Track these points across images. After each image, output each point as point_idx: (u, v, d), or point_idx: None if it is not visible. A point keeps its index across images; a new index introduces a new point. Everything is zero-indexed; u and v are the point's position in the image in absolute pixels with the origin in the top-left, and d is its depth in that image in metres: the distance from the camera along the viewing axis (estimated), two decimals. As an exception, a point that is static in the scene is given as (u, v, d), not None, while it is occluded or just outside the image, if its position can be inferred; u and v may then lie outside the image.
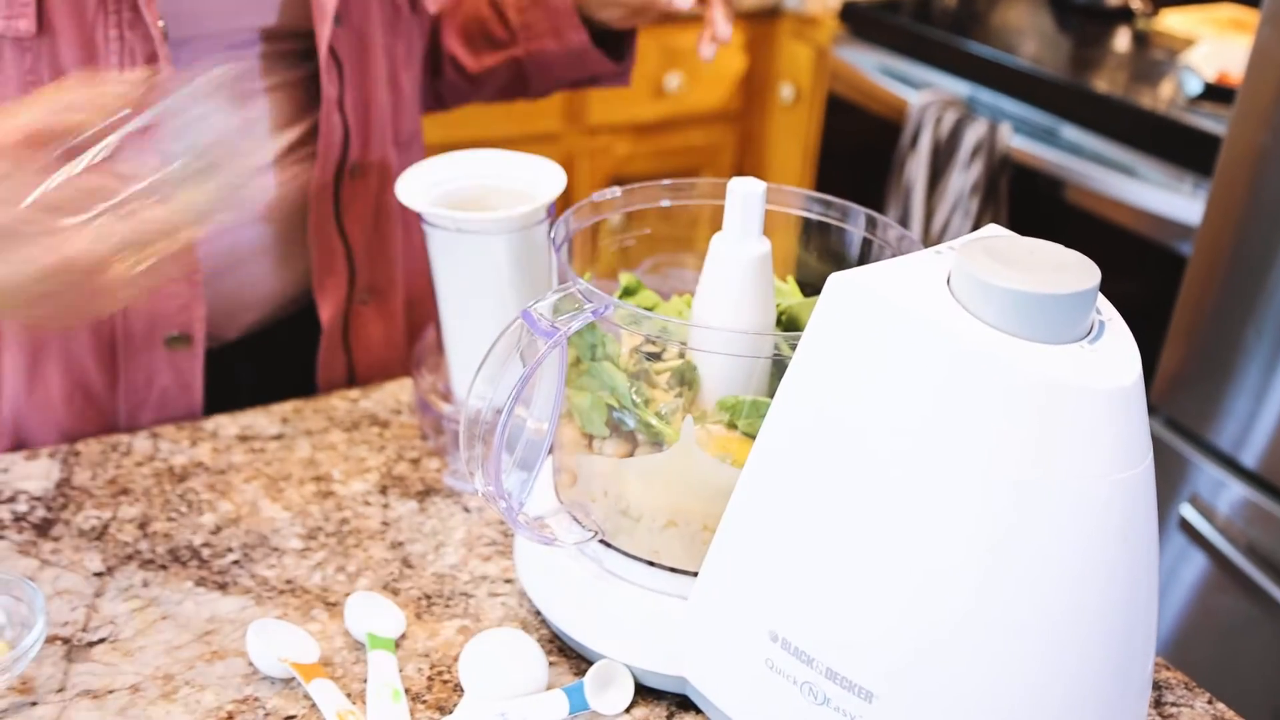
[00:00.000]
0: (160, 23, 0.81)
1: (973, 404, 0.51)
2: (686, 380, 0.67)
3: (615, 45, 1.08)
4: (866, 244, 0.73)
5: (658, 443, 0.66)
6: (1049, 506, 0.52)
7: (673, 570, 0.68)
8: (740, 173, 2.53)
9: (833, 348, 0.55)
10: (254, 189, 0.66)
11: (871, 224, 0.72)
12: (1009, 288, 0.51)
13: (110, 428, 0.91)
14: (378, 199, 0.98)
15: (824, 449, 0.56)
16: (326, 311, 0.98)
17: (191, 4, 0.84)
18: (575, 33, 1.04)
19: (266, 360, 1.00)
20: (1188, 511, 1.58)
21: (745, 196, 0.65)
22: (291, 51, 0.92)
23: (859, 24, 2.21)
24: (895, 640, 0.55)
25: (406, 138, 1.02)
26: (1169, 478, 1.62)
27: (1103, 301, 0.56)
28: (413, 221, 1.04)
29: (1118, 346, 0.53)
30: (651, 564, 0.68)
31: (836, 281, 0.55)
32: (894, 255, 0.70)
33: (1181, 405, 1.60)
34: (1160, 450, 1.62)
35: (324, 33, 0.88)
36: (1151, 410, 1.64)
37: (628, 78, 1.12)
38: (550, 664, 0.70)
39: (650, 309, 0.74)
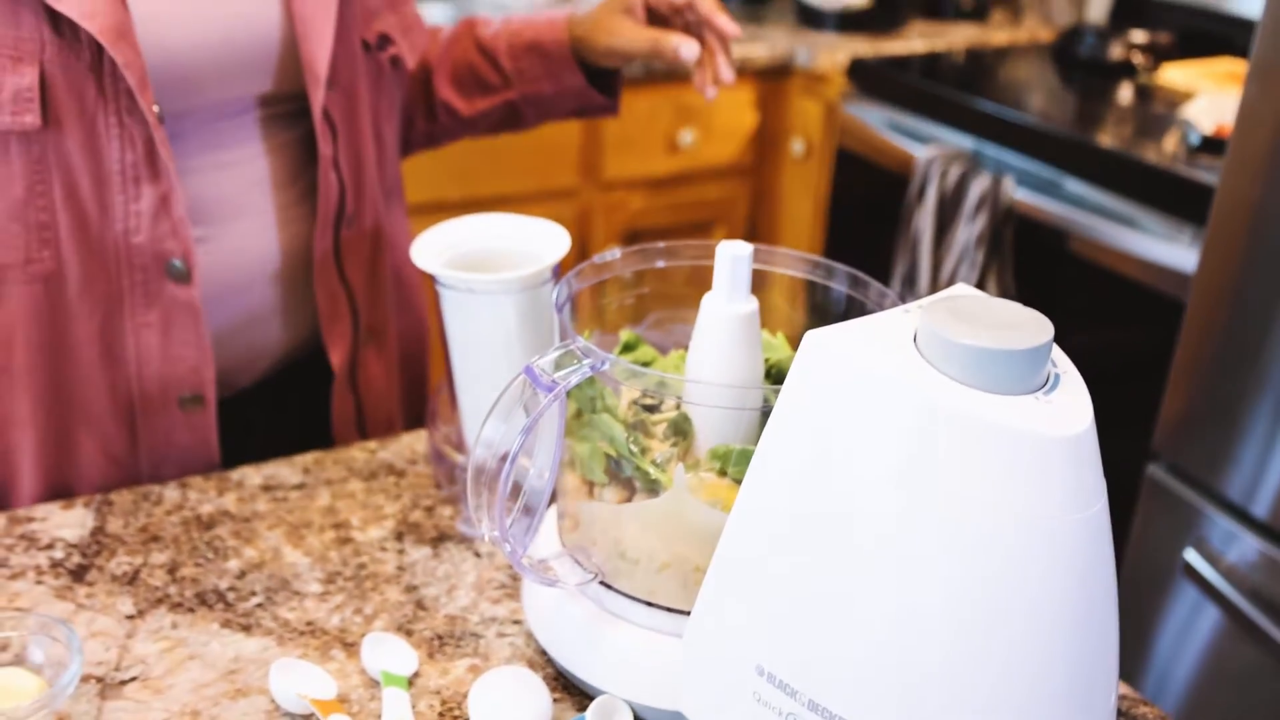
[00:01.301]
0: (155, 107, 0.86)
1: (938, 452, 0.56)
2: (681, 430, 0.71)
3: (606, 79, 1.13)
4: (851, 300, 0.78)
5: (654, 489, 0.70)
6: (1011, 546, 0.56)
7: (669, 610, 0.72)
8: (753, 225, 2.58)
9: (809, 401, 0.59)
10: None
11: (855, 282, 0.77)
12: (969, 344, 0.55)
13: (135, 485, 0.96)
14: (372, 245, 1.03)
15: (802, 495, 0.60)
16: (337, 356, 1.03)
17: (187, 79, 0.89)
18: (571, 75, 1.08)
19: (277, 406, 1.05)
20: (1196, 560, 1.59)
21: (733, 259, 0.70)
22: (285, 114, 0.97)
23: (866, 81, 2.27)
24: (872, 674, 0.59)
25: (390, 184, 1.07)
26: (1176, 526, 1.63)
27: (1058, 354, 0.60)
28: (401, 262, 1.09)
29: (1071, 397, 0.57)
30: (649, 604, 0.72)
31: (811, 339, 0.59)
32: (875, 309, 0.75)
33: (1188, 453, 1.62)
34: (1166, 497, 1.65)
35: (318, 96, 0.93)
36: (1155, 457, 1.66)
37: (618, 108, 1.16)
38: (555, 700, 0.74)
39: (648, 363, 0.78)
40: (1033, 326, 0.58)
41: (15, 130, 0.83)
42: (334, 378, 1.04)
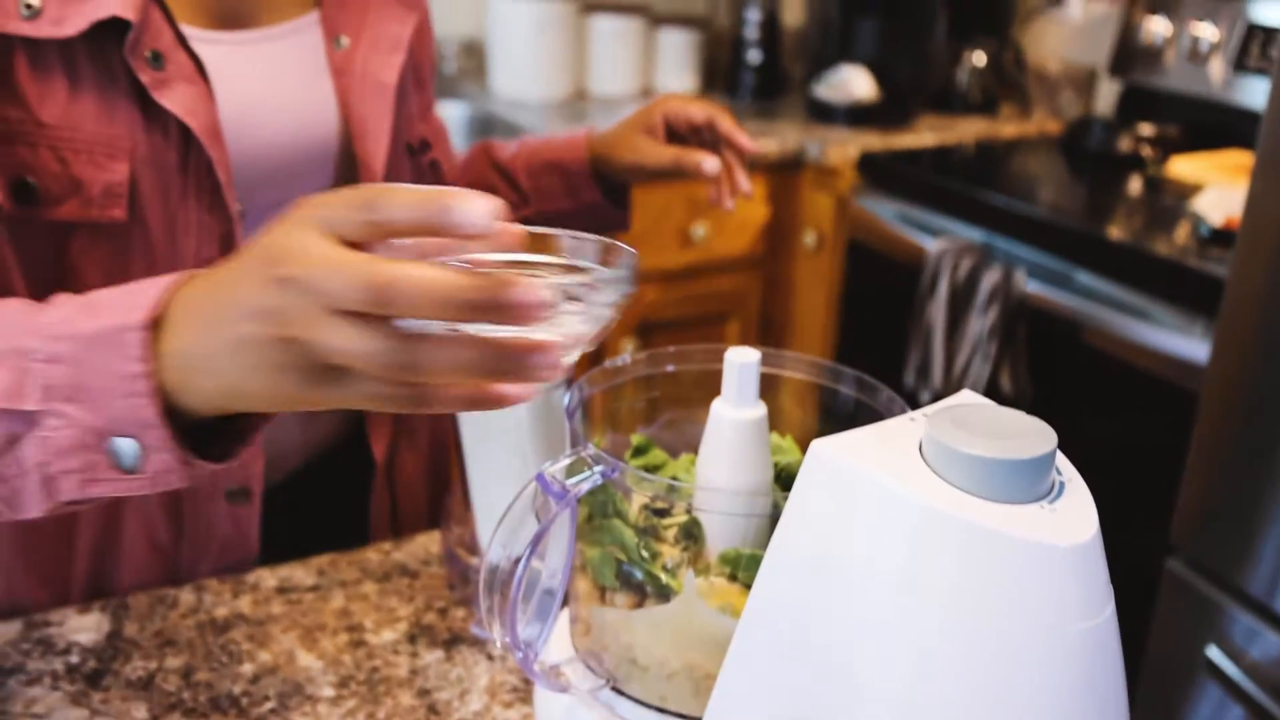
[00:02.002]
0: (238, 205, 0.89)
1: (944, 561, 0.56)
2: (692, 535, 0.72)
3: (617, 194, 1.16)
4: (859, 404, 0.78)
5: (665, 595, 0.71)
6: (1019, 656, 0.56)
7: (680, 716, 0.72)
8: (767, 316, 2.60)
9: (815, 509, 0.60)
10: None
11: (862, 386, 0.78)
12: (973, 454, 0.56)
13: (172, 576, 0.96)
14: None
15: (808, 602, 0.60)
16: (379, 450, 1.05)
17: (259, 178, 0.92)
18: (589, 192, 1.12)
19: (312, 499, 1.06)
20: (1219, 658, 1.57)
21: (740, 366, 0.71)
22: None
23: (877, 175, 2.30)
24: (883, 782, 0.59)
25: None
26: (1196, 621, 1.61)
27: (1063, 462, 0.61)
28: None
29: (1076, 505, 0.58)
30: (661, 710, 0.72)
31: (817, 449, 0.60)
32: (883, 416, 0.76)
33: (1207, 547, 1.61)
34: (1185, 593, 1.63)
35: None
36: (1173, 551, 1.65)
37: (629, 223, 1.19)
38: (567, 807, 0.73)
39: (659, 467, 0.79)
40: (1036, 435, 0.58)
41: (102, 223, 0.85)
42: (374, 473, 1.06)
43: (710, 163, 1.09)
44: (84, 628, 0.88)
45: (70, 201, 0.83)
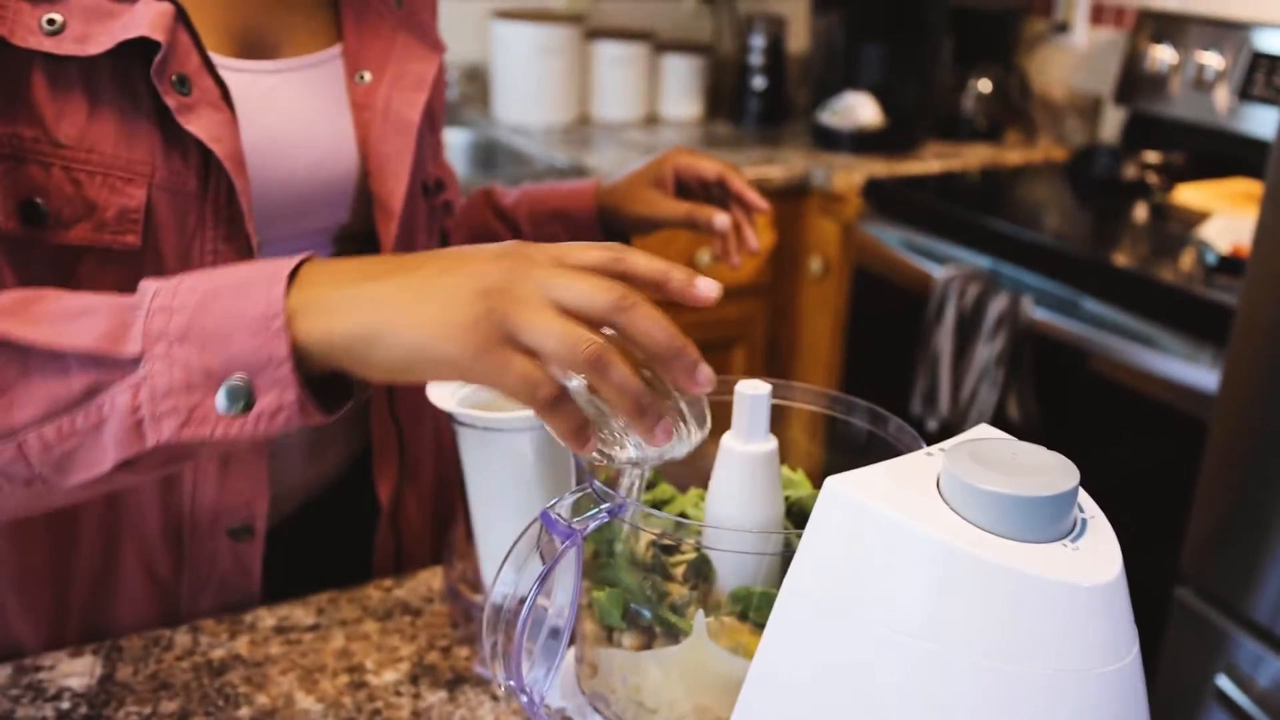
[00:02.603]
0: (256, 240, 0.87)
1: (962, 602, 0.54)
2: (701, 573, 0.70)
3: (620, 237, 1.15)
4: (871, 436, 0.77)
5: (674, 636, 0.69)
6: (1041, 699, 0.54)
7: (691, 760, 0.70)
8: (773, 343, 2.58)
9: (830, 548, 0.58)
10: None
11: (874, 418, 0.76)
12: (993, 491, 0.54)
13: (172, 613, 0.94)
14: (420, 385, 1.04)
15: (824, 643, 0.58)
16: (384, 492, 1.03)
17: (278, 209, 0.91)
18: (594, 237, 1.11)
19: (310, 544, 1.04)
20: (1224, 684, 1.56)
21: (751, 399, 0.69)
22: (349, 251, 0.98)
23: (882, 201, 2.29)
24: (901, 832, 0.57)
25: None
26: (1205, 650, 1.60)
27: (1085, 499, 0.59)
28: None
29: (1099, 543, 0.56)
30: (670, 754, 0.70)
31: (832, 486, 0.58)
32: (894, 446, 0.74)
33: (1215, 576, 1.60)
34: (1195, 622, 1.61)
35: (390, 231, 0.95)
36: (1182, 580, 1.63)
37: None
38: None
39: (666, 501, 0.77)
40: (1058, 471, 0.56)
41: (115, 249, 0.83)
42: (379, 516, 1.05)
43: (721, 219, 1.10)
44: (76, 671, 0.86)
45: (81, 225, 0.81)
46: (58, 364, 0.64)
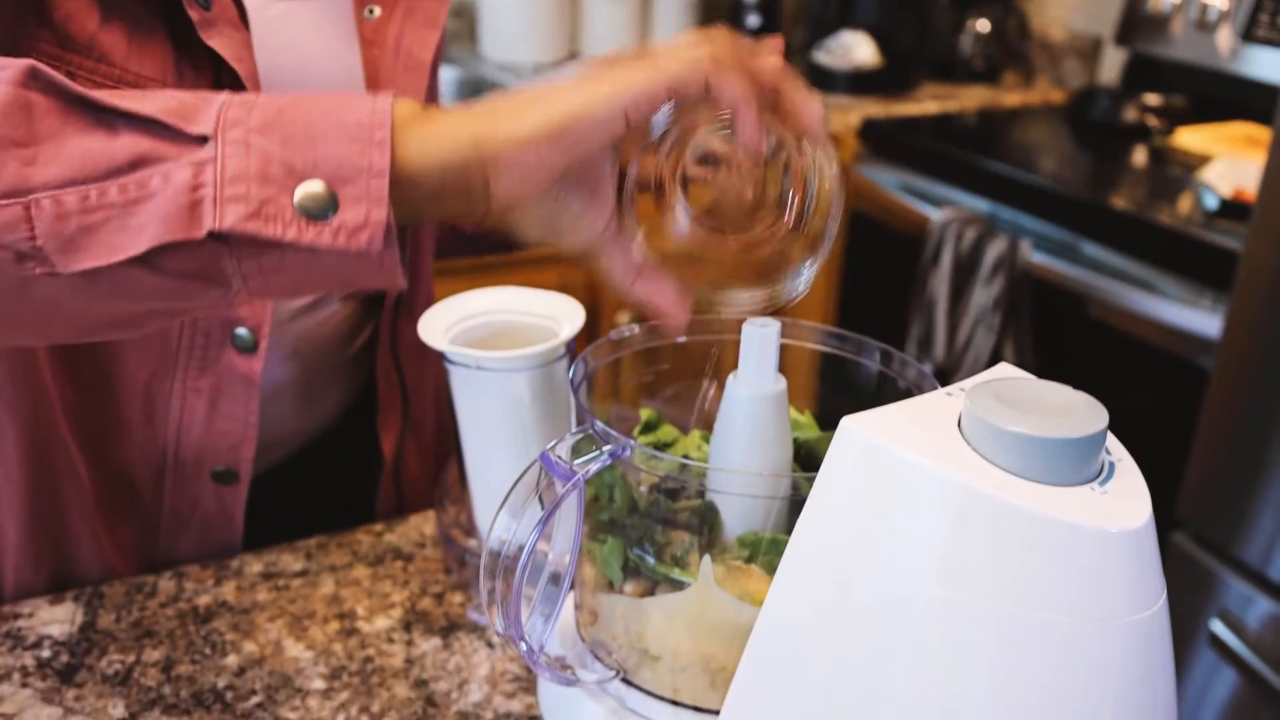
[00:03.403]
0: None
1: (985, 547, 0.52)
2: (706, 519, 0.67)
3: None
4: (882, 377, 0.74)
5: (677, 582, 0.66)
6: (1066, 648, 0.52)
7: (695, 709, 0.67)
8: (764, 289, 2.55)
9: (846, 491, 0.56)
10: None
11: (887, 359, 0.73)
12: (1019, 432, 0.52)
13: (150, 554, 0.92)
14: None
15: (841, 590, 0.56)
16: (388, 444, 1.01)
17: None
18: None
19: (300, 494, 1.02)
20: (1218, 627, 1.56)
21: (760, 336, 0.66)
22: None
23: (878, 142, 2.25)
24: (917, 785, 0.54)
25: (433, 268, 1.06)
26: (1198, 593, 1.60)
27: (1113, 442, 0.56)
28: None
29: (1128, 487, 0.53)
30: (674, 703, 0.68)
31: (848, 426, 0.55)
32: (908, 387, 0.72)
33: (1209, 520, 1.59)
34: (1189, 566, 1.60)
35: None
36: (1179, 525, 1.62)
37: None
38: (572, 806, 0.69)
39: (669, 444, 0.75)
40: (1086, 412, 0.54)
41: None
42: (382, 469, 1.03)
43: None
44: (56, 619, 0.83)
45: None
46: (104, 122, 0.56)
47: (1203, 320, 1.66)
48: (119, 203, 0.55)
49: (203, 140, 0.55)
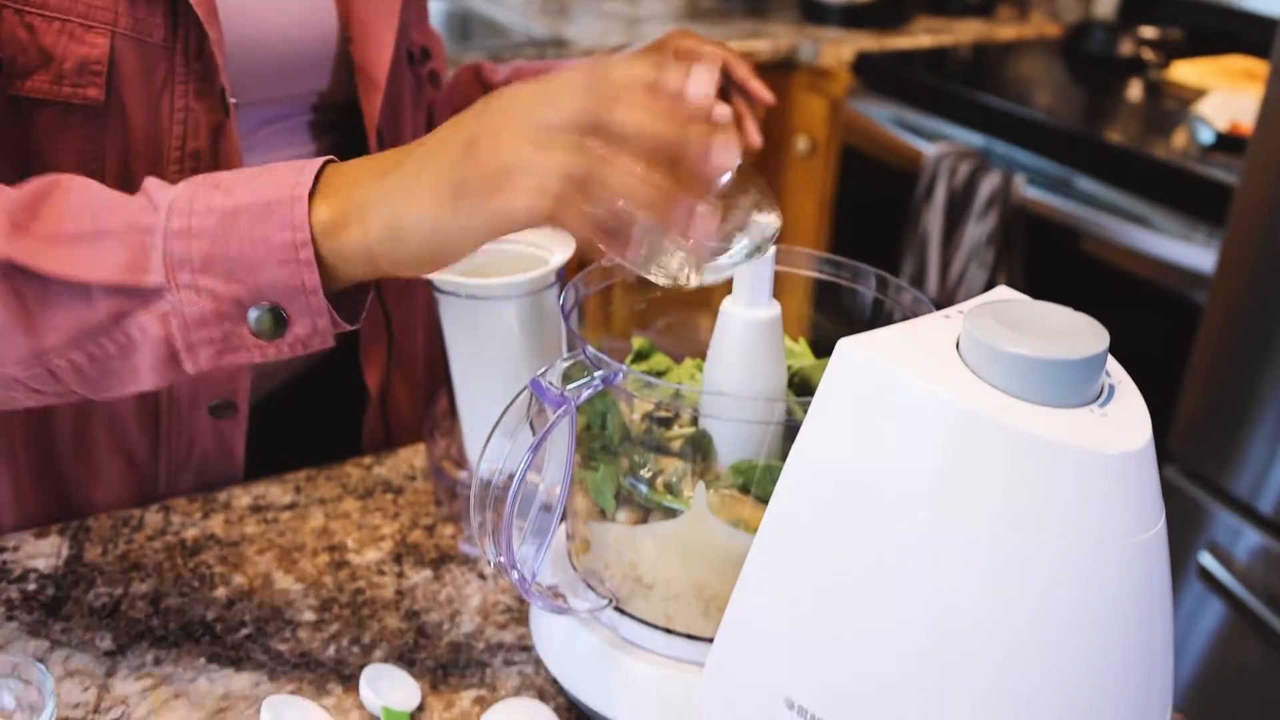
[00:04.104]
0: (233, 100, 0.81)
1: (984, 469, 0.51)
2: (700, 447, 0.66)
3: None
4: (878, 304, 0.73)
5: (669, 511, 0.65)
6: (1062, 570, 0.51)
7: (689, 637, 0.67)
8: (756, 226, 2.53)
9: (843, 414, 0.55)
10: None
11: (883, 285, 0.72)
12: (1018, 353, 0.51)
13: (149, 495, 0.91)
14: None
15: (836, 515, 0.55)
16: (371, 379, 0.99)
17: (252, 68, 0.84)
18: None
19: (294, 427, 1.00)
20: (1207, 560, 1.57)
21: (754, 261, 0.65)
22: (332, 122, 0.93)
23: (872, 76, 2.22)
24: (909, 707, 0.54)
25: None
26: (1187, 526, 1.60)
27: (1113, 364, 0.55)
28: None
29: (1128, 410, 0.53)
30: (667, 631, 0.67)
31: (845, 347, 0.54)
32: (905, 316, 0.70)
33: (1199, 453, 1.59)
34: (1179, 499, 1.61)
35: (374, 103, 0.89)
36: (1169, 458, 1.62)
37: None
38: (565, 735, 0.69)
39: (663, 373, 0.74)
40: (1086, 333, 0.53)
41: (75, 103, 0.77)
42: (367, 403, 1.01)
43: (721, 110, 1.03)
44: (42, 552, 0.82)
45: (38, 76, 0.75)
46: (80, 292, 0.62)
47: (1197, 255, 1.65)
48: (117, 353, 0.63)
49: (158, 291, 0.62)
